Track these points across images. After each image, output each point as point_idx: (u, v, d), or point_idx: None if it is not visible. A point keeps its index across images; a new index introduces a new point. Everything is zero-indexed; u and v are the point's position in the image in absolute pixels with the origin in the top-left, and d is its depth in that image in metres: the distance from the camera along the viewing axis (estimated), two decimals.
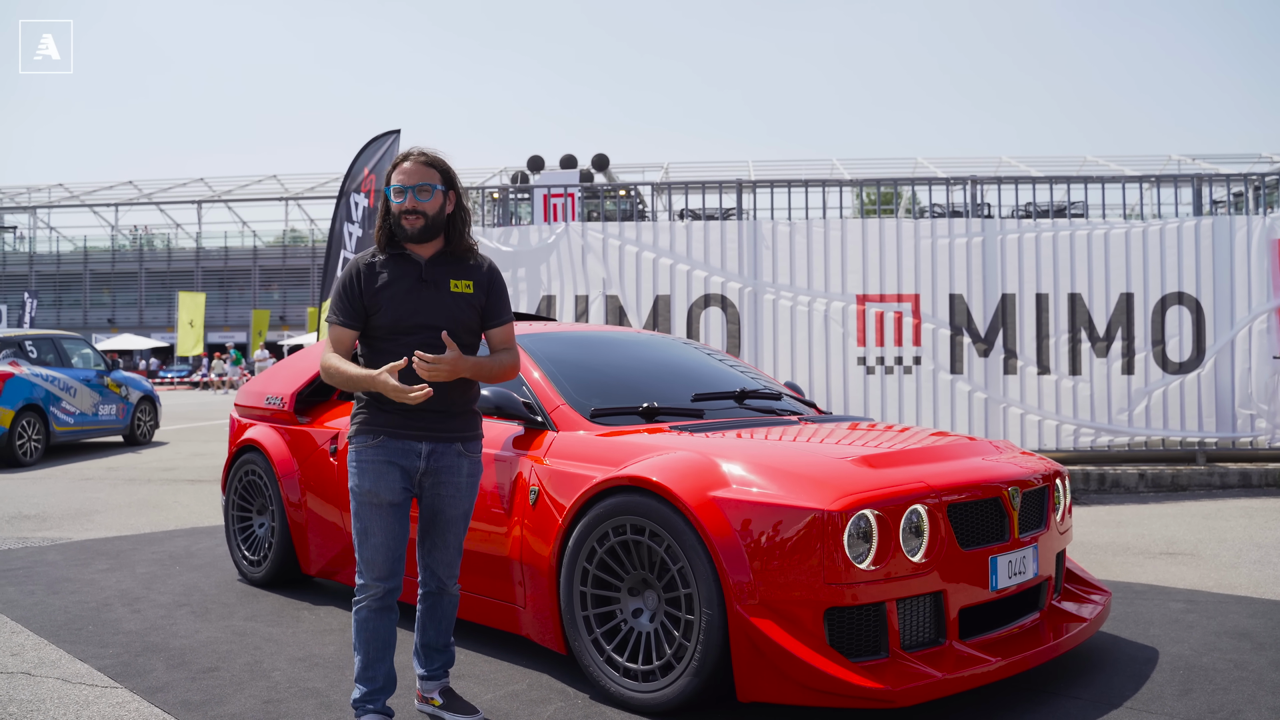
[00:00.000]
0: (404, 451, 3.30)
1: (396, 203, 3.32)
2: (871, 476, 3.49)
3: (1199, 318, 9.59)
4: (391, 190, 3.33)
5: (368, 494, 3.28)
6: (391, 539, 3.29)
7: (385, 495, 3.28)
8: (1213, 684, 3.85)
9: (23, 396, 12.00)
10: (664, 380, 4.88)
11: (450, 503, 3.40)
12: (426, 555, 3.47)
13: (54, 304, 56.06)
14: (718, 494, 3.44)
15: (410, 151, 3.38)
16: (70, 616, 4.97)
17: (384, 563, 3.28)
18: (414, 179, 3.32)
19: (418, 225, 3.31)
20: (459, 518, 3.44)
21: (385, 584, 3.28)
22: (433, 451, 3.34)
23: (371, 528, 3.28)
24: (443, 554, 3.45)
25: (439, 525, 3.42)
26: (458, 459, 3.39)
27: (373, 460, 3.29)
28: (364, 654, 3.30)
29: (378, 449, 3.29)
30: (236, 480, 5.84)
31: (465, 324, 3.38)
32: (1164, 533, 7.21)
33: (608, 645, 3.67)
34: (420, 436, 3.32)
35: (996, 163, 44.24)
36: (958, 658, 3.45)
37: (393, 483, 3.29)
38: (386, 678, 3.34)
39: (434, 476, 3.36)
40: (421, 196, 3.30)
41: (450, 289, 3.35)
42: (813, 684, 3.20)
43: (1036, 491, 4.01)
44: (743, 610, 3.30)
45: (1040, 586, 4.01)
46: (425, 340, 3.27)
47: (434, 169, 3.35)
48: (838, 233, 9.78)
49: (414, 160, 3.35)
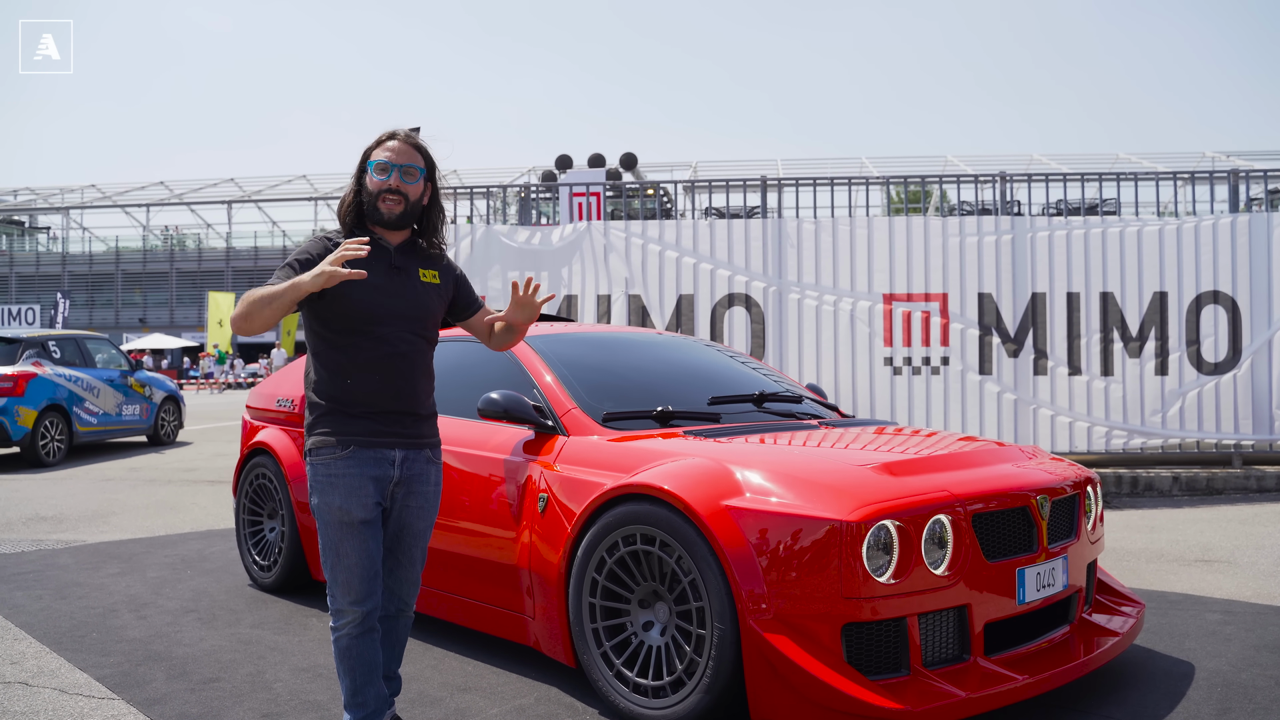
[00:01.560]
0: (377, 461, 3.02)
1: (379, 179, 3.06)
2: (892, 485, 3.33)
3: (1235, 317, 9.33)
4: (374, 166, 3.06)
5: (338, 512, 2.98)
6: (367, 558, 3.00)
7: (358, 513, 2.98)
8: (1253, 702, 3.67)
9: (46, 397, 12.01)
10: (680, 383, 4.73)
11: (418, 515, 3.16)
12: (388, 575, 3.17)
13: (86, 304, 56.57)
14: (731, 503, 3.29)
15: (396, 131, 3.13)
16: (75, 623, 4.89)
17: (361, 585, 3.00)
18: (402, 158, 3.07)
19: (396, 209, 3.06)
20: (424, 531, 3.20)
21: (363, 607, 3.01)
22: (406, 459, 3.08)
23: (345, 548, 2.98)
24: (407, 571, 3.19)
25: (405, 540, 3.16)
26: (427, 466, 3.15)
27: (344, 474, 2.98)
28: (350, 680, 3.05)
29: (349, 461, 2.99)
30: (247, 484, 5.75)
31: (435, 316, 3.19)
32: (1199, 539, 6.98)
33: (617, 659, 3.53)
34: (394, 443, 3.05)
35: (1028, 160, 43.73)
36: (983, 675, 3.29)
37: (366, 498, 3.00)
38: (377, 699, 3.09)
39: (405, 486, 3.10)
40: (407, 179, 3.07)
41: (420, 278, 3.13)
42: (828, 703, 3.05)
43: (1066, 500, 3.84)
44: (756, 625, 3.15)
45: (1070, 599, 3.84)
46: (397, 331, 3.03)
47: (420, 154, 3.13)
48: (864, 231, 9.59)
49: (402, 140, 3.11)
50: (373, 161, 3.07)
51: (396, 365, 3.04)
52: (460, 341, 4.98)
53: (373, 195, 3.07)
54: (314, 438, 3.05)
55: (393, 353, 3.03)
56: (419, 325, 3.09)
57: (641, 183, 12.77)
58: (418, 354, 3.10)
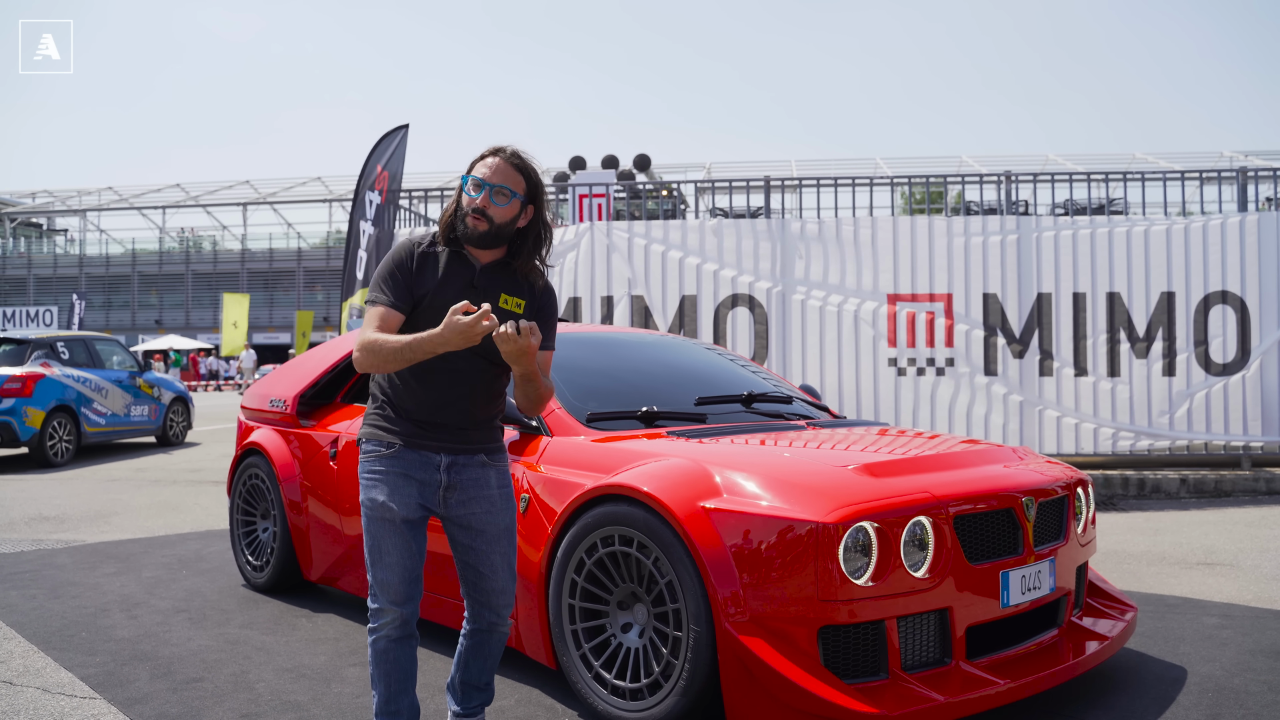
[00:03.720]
0: (422, 464, 2.93)
1: (470, 196, 2.91)
2: (872, 486, 3.29)
3: (1244, 317, 9.23)
4: (469, 181, 2.92)
5: (380, 508, 2.90)
6: (408, 558, 2.90)
7: (400, 511, 2.90)
8: (1243, 708, 3.61)
9: (54, 397, 12.07)
10: (668, 383, 4.70)
11: (487, 519, 2.97)
12: (473, 588, 3.01)
13: (103, 305, 56.92)
14: (708, 504, 3.26)
15: (503, 148, 2.96)
16: (66, 622, 4.90)
17: (401, 585, 2.89)
18: (496, 178, 2.90)
19: (479, 229, 2.91)
20: (499, 536, 2.99)
21: (403, 609, 2.90)
22: (453, 464, 2.95)
23: (385, 545, 2.90)
24: (492, 580, 2.99)
25: (480, 548, 2.98)
26: (483, 470, 2.98)
27: (386, 472, 2.92)
28: (384, 687, 2.91)
29: (392, 460, 2.92)
30: (241, 484, 5.75)
31: None
32: (1203, 541, 6.90)
33: (596, 661, 3.51)
34: (438, 448, 2.94)
35: (1043, 160, 43.50)
36: (964, 679, 3.25)
37: (408, 497, 2.91)
38: (410, 711, 2.96)
39: (461, 492, 2.95)
40: (498, 200, 2.89)
41: (500, 303, 2.94)
42: (803, 707, 3.01)
43: (1055, 501, 3.78)
44: (731, 627, 3.11)
45: (1058, 602, 3.79)
46: (463, 354, 2.84)
47: (521, 175, 2.94)
48: (868, 231, 9.54)
49: (503, 158, 2.93)
50: (468, 176, 2.94)
51: (454, 384, 2.92)
52: None
53: (463, 211, 2.94)
54: (365, 428, 3.00)
55: (452, 370, 2.90)
56: (483, 349, 2.86)
57: (654, 183, 12.71)
58: (480, 376, 2.95)
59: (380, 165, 9.49)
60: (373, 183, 9.56)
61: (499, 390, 3.03)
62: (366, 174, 9.66)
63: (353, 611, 5.09)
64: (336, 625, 4.84)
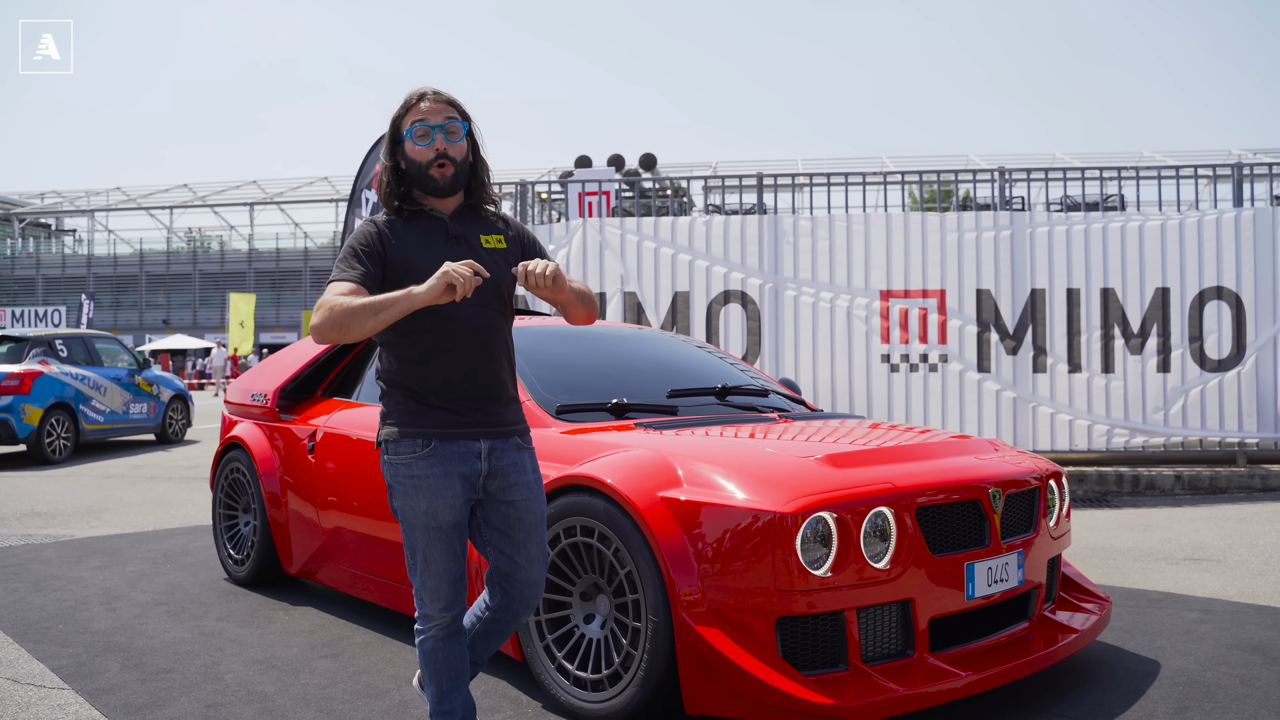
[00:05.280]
0: (462, 456, 2.70)
1: (421, 146, 2.72)
2: (834, 477, 3.28)
3: (1239, 313, 9.18)
4: (413, 133, 2.73)
5: (424, 517, 2.68)
6: (454, 563, 2.73)
7: (446, 515, 2.68)
8: (1212, 701, 3.58)
9: (52, 395, 12.10)
10: (644, 376, 4.69)
11: (526, 506, 2.79)
12: (505, 579, 2.80)
13: (111, 305, 57.12)
14: (667, 494, 3.25)
15: (423, 91, 2.78)
16: (44, 615, 4.91)
17: (450, 591, 2.72)
18: (440, 116, 2.73)
19: (448, 173, 2.74)
20: (536, 523, 2.82)
21: (452, 612, 2.74)
22: (493, 449, 2.74)
23: (432, 554, 2.70)
24: (527, 571, 2.79)
25: (517, 536, 2.78)
26: (519, 453, 2.80)
27: (428, 475, 2.67)
28: (437, 686, 2.76)
29: (431, 460, 2.68)
30: (223, 478, 5.76)
31: (506, 285, 2.80)
32: (1193, 537, 6.86)
33: (559, 652, 3.50)
34: (477, 434, 2.72)
35: (1050, 159, 43.34)
36: (926, 671, 3.23)
37: (454, 498, 2.69)
38: (465, 708, 2.79)
39: (500, 479, 2.75)
40: (451, 138, 2.74)
41: (482, 245, 2.78)
42: (761, 698, 2.99)
43: (1025, 494, 3.76)
44: (689, 618, 3.10)
45: (1029, 595, 3.77)
46: (469, 306, 2.67)
47: (454, 108, 2.78)
48: (861, 227, 9.51)
49: (432, 99, 2.76)
50: (410, 129, 2.75)
51: (472, 344, 2.72)
52: None
53: (421, 165, 2.74)
54: (387, 428, 2.76)
55: (466, 330, 2.70)
56: (490, 297, 2.73)
57: (652, 179, 12.70)
58: (493, 330, 2.76)
59: (378, 164, 9.47)
60: (370, 180, 9.56)
61: (511, 349, 2.87)
62: (364, 172, 9.66)
63: (330, 605, 5.09)
64: (312, 618, 4.84)
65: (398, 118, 2.79)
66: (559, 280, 2.60)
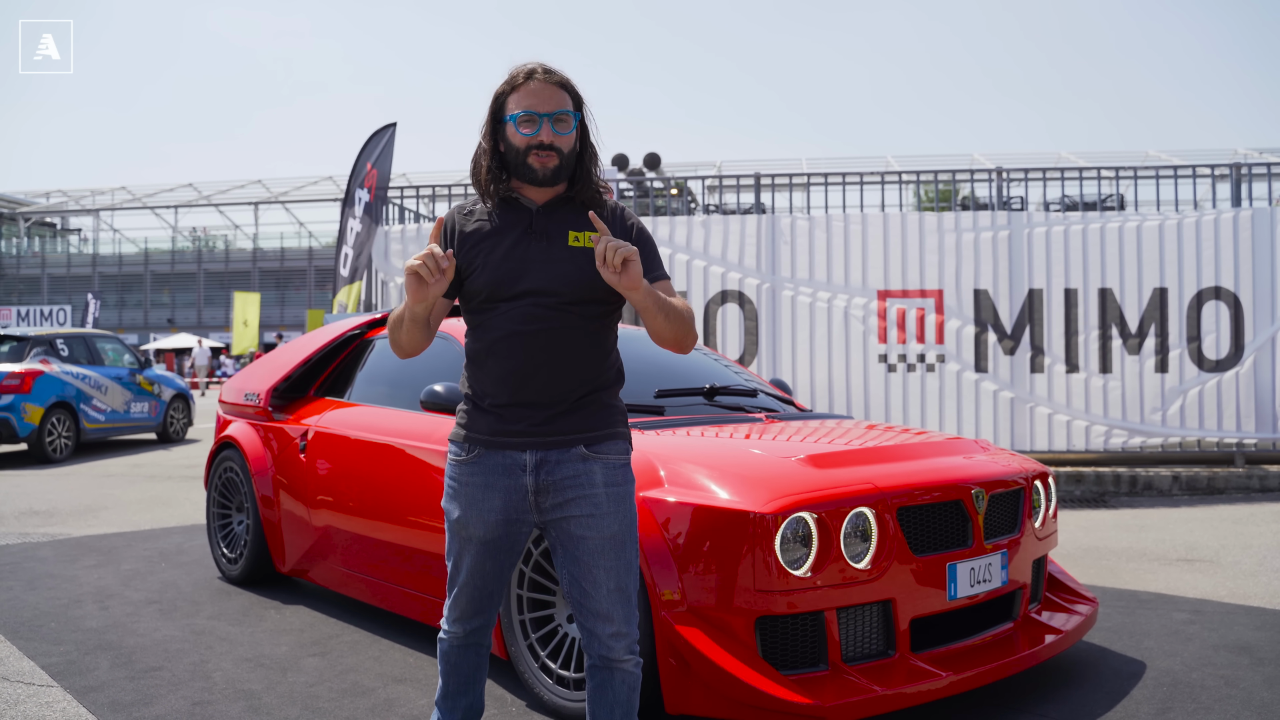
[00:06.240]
0: (506, 468, 2.48)
1: (525, 135, 2.47)
2: (815, 477, 3.29)
3: (1237, 313, 9.16)
4: (516, 119, 2.47)
5: (456, 525, 2.55)
6: (480, 579, 2.56)
7: (476, 529, 2.51)
8: (1195, 702, 3.59)
9: (53, 394, 12.14)
10: (630, 376, 4.66)
11: (588, 524, 2.46)
12: (578, 610, 2.51)
13: (117, 304, 57.27)
14: (648, 494, 3.26)
15: (532, 68, 2.51)
16: (37, 613, 4.93)
17: (468, 604, 2.59)
18: (549, 104, 2.47)
19: (551, 165, 2.48)
20: (607, 546, 2.47)
21: (467, 625, 2.61)
22: (541, 461, 2.47)
23: (460, 562, 2.57)
24: (594, 601, 2.47)
25: (583, 560, 2.47)
26: (584, 465, 2.47)
27: (467, 483, 2.52)
28: (444, 683, 2.68)
29: (473, 468, 2.51)
30: (216, 477, 5.79)
31: (585, 286, 2.47)
32: (1187, 538, 6.86)
33: (542, 651, 3.51)
34: (523, 444, 2.47)
35: (1056, 158, 43.28)
36: (907, 671, 3.24)
37: (487, 513, 2.50)
38: (468, 712, 2.70)
39: (556, 494, 2.47)
40: (560, 128, 2.48)
41: (569, 242, 2.49)
42: (740, 697, 3.01)
43: (1009, 494, 3.77)
44: (669, 617, 3.12)
45: (1013, 595, 3.77)
46: (526, 306, 2.45)
47: (567, 93, 2.52)
48: (858, 227, 9.51)
49: (541, 79, 2.49)
50: (514, 115, 2.49)
51: (522, 347, 2.46)
52: None
53: (519, 152, 2.49)
54: (453, 429, 2.62)
55: (520, 332, 2.45)
56: (559, 298, 2.46)
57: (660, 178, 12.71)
58: (556, 332, 2.46)
59: (370, 163, 9.52)
60: (363, 180, 9.59)
61: (598, 353, 2.53)
62: (357, 171, 9.69)
63: (322, 604, 5.11)
64: (303, 617, 4.86)
65: (501, 95, 2.53)
66: (629, 268, 2.31)
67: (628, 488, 2.53)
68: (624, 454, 2.55)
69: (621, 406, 2.60)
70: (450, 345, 4.56)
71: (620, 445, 2.54)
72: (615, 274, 2.32)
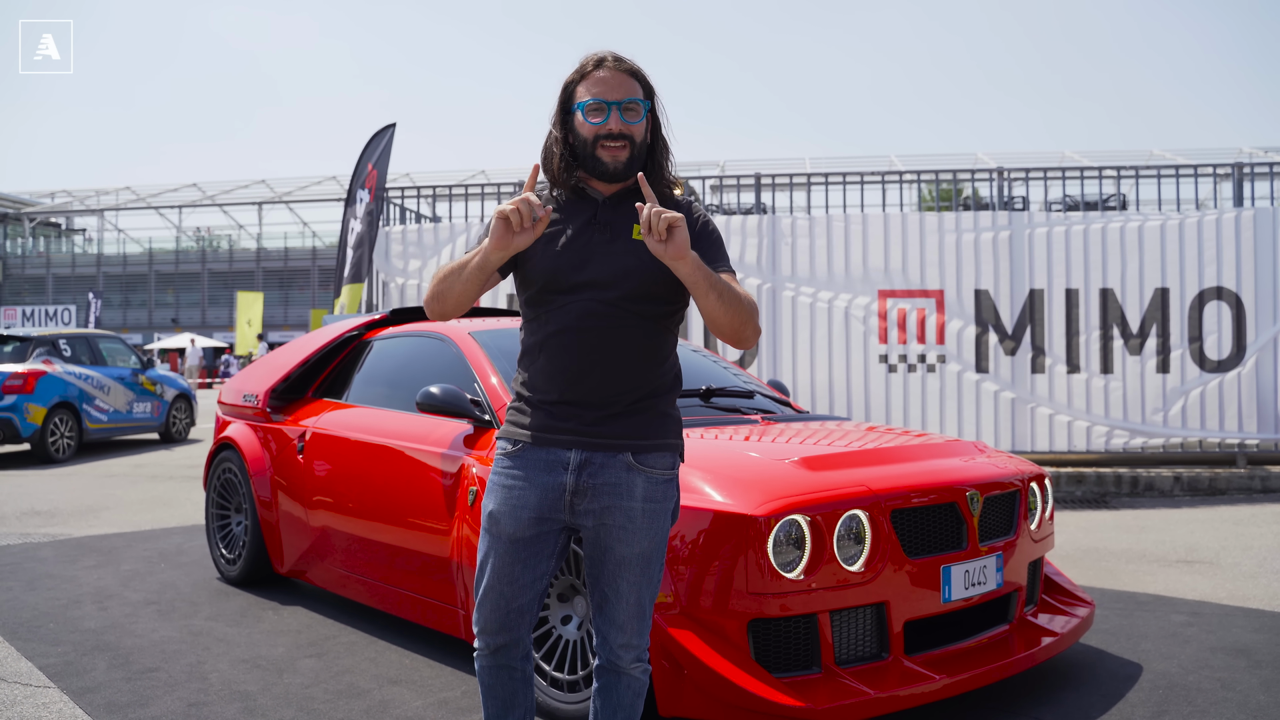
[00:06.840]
0: (548, 465, 2.40)
1: (593, 124, 2.40)
2: (808, 479, 3.29)
3: (1239, 313, 9.15)
4: (585, 108, 2.40)
5: (490, 520, 2.44)
6: (506, 584, 2.41)
7: (508, 526, 2.40)
8: (1191, 705, 3.58)
9: (56, 394, 12.16)
10: None
11: (619, 536, 2.39)
12: (596, 613, 2.48)
13: (120, 304, 57.38)
14: None
15: (602, 56, 2.44)
16: (36, 614, 4.94)
17: (492, 614, 2.43)
18: (619, 91, 2.40)
19: (622, 157, 2.41)
20: (634, 561, 2.41)
21: (494, 640, 2.44)
22: (585, 462, 2.38)
23: (487, 565, 2.44)
24: (614, 610, 2.43)
25: (607, 570, 2.42)
26: (627, 474, 2.38)
27: (505, 476, 2.43)
28: (485, 709, 2.55)
29: (516, 461, 2.43)
30: (215, 478, 5.80)
31: (648, 282, 2.39)
32: (1187, 539, 6.85)
33: (536, 653, 3.51)
34: (570, 442, 2.39)
35: (1059, 158, 43.21)
36: (901, 674, 3.24)
37: (522, 510, 2.39)
38: None
39: (592, 499, 2.38)
40: (629, 117, 2.40)
41: (633, 236, 2.40)
42: (733, 700, 3.01)
43: (1005, 496, 3.77)
44: (662, 620, 3.12)
45: (1009, 597, 3.77)
46: (583, 301, 2.38)
47: (638, 82, 2.45)
48: (859, 227, 9.50)
49: (611, 67, 2.42)
50: (582, 103, 2.42)
51: (578, 344, 2.39)
52: (411, 336, 4.99)
53: (587, 143, 2.42)
54: (503, 426, 2.54)
55: (574, 328, 2.38)
56: (618, 293, 2.38)
57: None
58: (612, 330, 2.38)
59: (370, 164, 9.54)
60: (364, 180, 9.61)
61: (655, 356, 2.46)
62: (359, 172, 9.71)
63: (320, 605, 5.11)
64: (301, 618, 4.87)
65: (570, 84, 2.46)
66: (675, 235, 2.20)
67: (666, 504, 2.45)
68: (670, 468, 2.47)
69: (677, 415, 2.52)
70: (447, 347, 4.57)
71: (668, 459, 2.46)
72: (660, 242, 2.21)
